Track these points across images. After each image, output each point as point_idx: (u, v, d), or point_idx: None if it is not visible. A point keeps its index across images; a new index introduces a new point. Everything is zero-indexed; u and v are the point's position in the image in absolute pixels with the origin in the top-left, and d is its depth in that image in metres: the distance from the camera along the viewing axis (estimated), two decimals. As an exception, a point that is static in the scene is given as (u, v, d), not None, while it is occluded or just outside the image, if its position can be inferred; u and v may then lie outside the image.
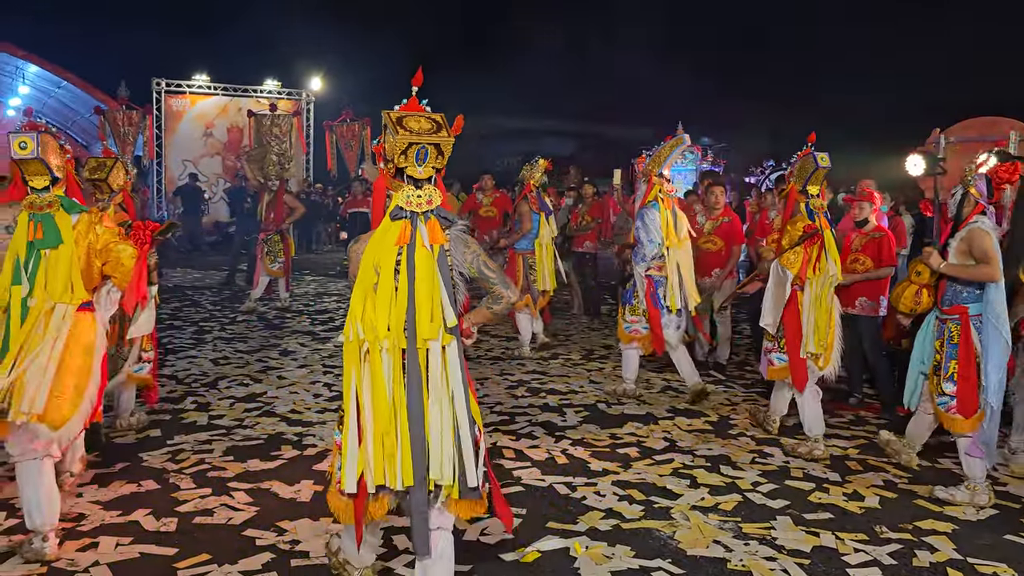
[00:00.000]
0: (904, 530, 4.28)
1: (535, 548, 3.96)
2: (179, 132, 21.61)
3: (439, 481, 3.03)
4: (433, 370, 3.04)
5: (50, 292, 3.73)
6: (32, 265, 3.74)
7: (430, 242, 3.07)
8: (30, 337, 3.67)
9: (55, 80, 21.96)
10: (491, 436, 5.66)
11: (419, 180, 3.11)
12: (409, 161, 3.08)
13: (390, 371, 3.03)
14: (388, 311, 3.02)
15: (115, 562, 3.72)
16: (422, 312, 3.02)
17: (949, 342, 4.64)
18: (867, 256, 6.31)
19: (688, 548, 4.00)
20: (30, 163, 3.77)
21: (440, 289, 3.05)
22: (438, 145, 3.10)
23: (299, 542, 3.96)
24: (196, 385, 6.85)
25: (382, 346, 3.02)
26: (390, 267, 3.05)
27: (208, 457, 5.11)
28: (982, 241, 4.45)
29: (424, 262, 3.05)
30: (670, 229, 6.37)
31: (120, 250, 3.86)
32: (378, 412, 3.02)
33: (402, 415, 3.01)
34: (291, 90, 22.24)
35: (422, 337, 3.02)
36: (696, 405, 6.55)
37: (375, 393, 3.02)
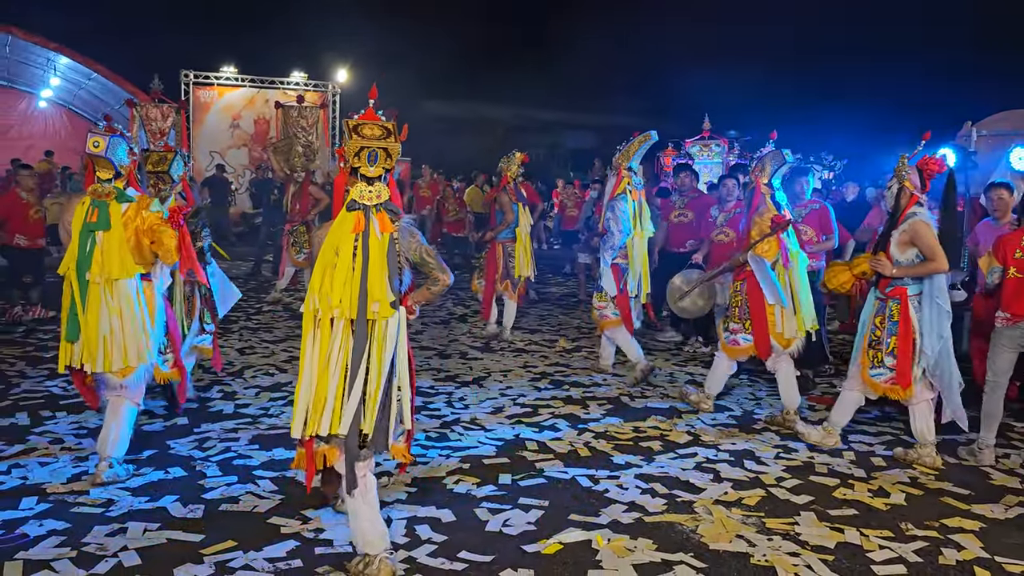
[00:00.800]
0: (930, 527, 4.24)
1: (557, 540, 3.96)
2: (206, 124, 21.79)
3: (366, 431, 3.53)
4: (375, 338, 3.51)
5: (106, 268, 4.45)
6: (89, 244, 4.47)
7: (381, 231, 3.54)
8: (94, 306, 4.44)
9: (85, 72, 22.18)
10: (513, 428, 5.67)
11: (371, 178, 3.58)
12: (362, 162, 3.56)
13: (340, 337, 3.50)
14: (343, 287, 3.47)
15: (143, 547, 3.77)
16: (373, 290, 3.48)
17: (890, 319, 5.06)
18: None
19: (711, 542, 3.99)
20: (100, 159, 4.56)
21: (388, 272, 3.53)
22: (386, 149, 3.57)
23: (323, 530, 4.00)
24: (223, 374, 6.92)
25: (333, 315, 3.48)
26: (348, 251, 3.51)
27: (234, 445, 5.17)
28: (926, 236, 4.87)
29: (376, 248, 3.52)
30: (636, 220, 6.80)
31: (162, 231, 4.52)
32: (321, 371, 3.50)
33: (343, 374, 3.50)
34: (317, 82, 22.34)
35: (372, 311, 3.48)
36: (639, 384, 6.91)
37: (321, 355, 3.51)
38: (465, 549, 3.84)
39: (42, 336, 8.31)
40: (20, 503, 4.20)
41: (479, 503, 4.38)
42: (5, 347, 7.77)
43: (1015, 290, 5.15)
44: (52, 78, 23.57)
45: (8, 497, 4.28)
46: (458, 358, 7.81)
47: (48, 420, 5.59)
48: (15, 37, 20.59)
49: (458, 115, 34.43)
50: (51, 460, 4.83)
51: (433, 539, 3.94)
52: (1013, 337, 5.18)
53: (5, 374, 6.76)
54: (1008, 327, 5.19)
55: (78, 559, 3.66)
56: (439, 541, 3.92)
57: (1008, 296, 5.20)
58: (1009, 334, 5.19)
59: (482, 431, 5.61)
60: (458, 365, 7.52)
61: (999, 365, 5.24)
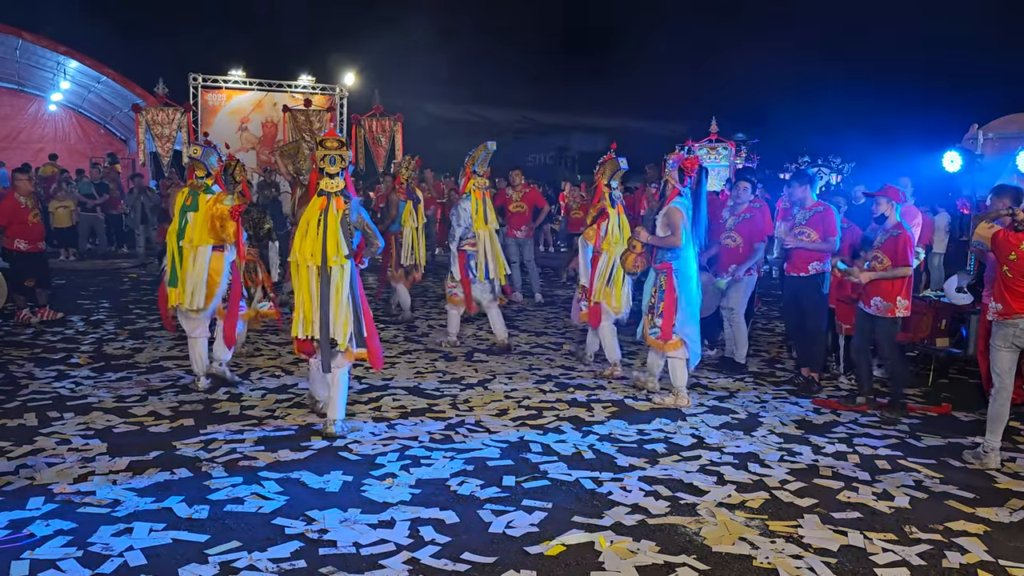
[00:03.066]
0: (934, 531, 4.24)
1: (560, 541, 3.97)
2: (215, 127, 21.84)
3: (336, 339, 5.35)
4: (335, 278, 5.35)
5: (196, 239, 6.25)
6: (183, 221, 6.31)
7: (337, 209, 5.37)
8: (188, 266, 6.27)
9: (95, 75, 22.29)
10: (518, 430, 5.68)
11: (332, 174, 5.39)
12: (325, 164, 5.40)
13: (314, 278, 5.37)
14: (312, 245, 5.33)
15: (148, 547, 3.80)
16: (330, 247, 5.33)
17: (660, 288, 6.43)
18: (885, 254, 6.19)
19: (714, 545, 3.99)
20: (197, 162, 6.44)
21: (341, 235, 5.34)
22: (341, 155, 5.41)
23: (327, 531, 4.01)
24: (229, 376, 6.94)
25: (308, 264, 5.35)
26: (315, 222, 5.36)
27: (240, 447, 5.20)
28: (674, 217, 6.28)
29: (332, 220, 5.34)
30: (479, 216, 8.00)
31: (225, 220, 6.21)
32: (306, 299, 5.44)
33: (318, 301, 5.37)
34: (325, 85, 22.38)
35: (330, 261, 5.33)
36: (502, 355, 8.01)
37: (303, 289, 5.44)
38: (468, 551, 3.85)
39: (50, 338, 8.37)
40: (27, 503, 4.23)
41: (483, 505, 4.39)
42: (13, 349, 7.83)
43: (1008, 289, 5.18)
44: (62, 82, 23.68)
45: (15, 497, 4.31)
46: (463, 360, 7.83)
47: (55, 421, 5.63)
48: (25, 41, 20.71)
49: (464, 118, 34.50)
50: (58, 460, 4.87)
51: (436, 540, 3.96)
52: (1007, 336, 5.21)
53: (13, 375, 6.80)
54: (1001, 323, 5.23)
55: (84, 559, 3.69)
56: (442, 542, 3.94)
57: (1000, 291, 5.24)
58: (1003, 332, 5.23)
59: (486, 433, 5.62)
60: (463, 367, 7.54)
61: (1001, 366, 5.26)
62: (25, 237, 9.12)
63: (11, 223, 9.04)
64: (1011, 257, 5.14)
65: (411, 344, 8.52)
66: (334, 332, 5.36)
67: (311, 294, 5.38)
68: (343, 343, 5.39)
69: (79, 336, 8.54)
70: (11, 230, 9.05)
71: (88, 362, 7.35)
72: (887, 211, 6.24)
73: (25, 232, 9.12)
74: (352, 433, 5.49)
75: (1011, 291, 5.15)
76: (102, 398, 6.21)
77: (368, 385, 6.80)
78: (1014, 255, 5.13)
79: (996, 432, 5.24)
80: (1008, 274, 5.16)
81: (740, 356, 7.62)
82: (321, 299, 5.35)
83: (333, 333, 5.36)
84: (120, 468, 4.76)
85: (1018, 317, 5.13)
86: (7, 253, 9.25)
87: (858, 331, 6.49)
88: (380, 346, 5.71)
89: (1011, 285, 5.16)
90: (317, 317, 5.36)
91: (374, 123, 19.23)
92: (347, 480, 4.67)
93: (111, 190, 17.55)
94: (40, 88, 24.64)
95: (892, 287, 6.18)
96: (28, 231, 9.15)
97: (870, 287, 6.21)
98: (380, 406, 6.20)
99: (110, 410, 5.91)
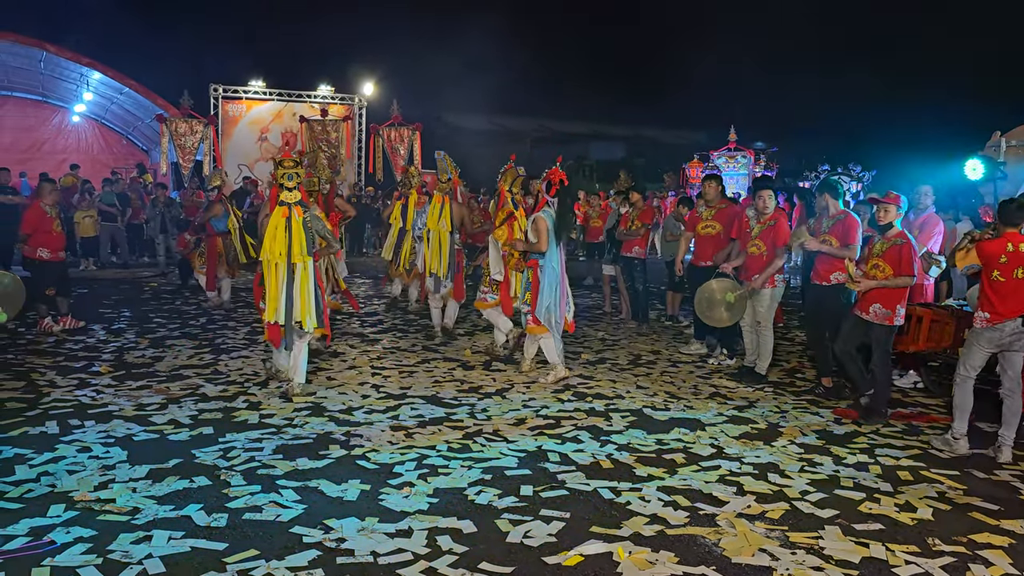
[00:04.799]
0: (958, 543, 4.18)
1: (578, 552, 3.95)
2: (235, 137, 22.05)
3: (299, 320, 6.58)
4: (299, 273, 6.54)
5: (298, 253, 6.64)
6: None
7: (298, 216, 6.52)
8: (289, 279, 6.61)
9: (117, 87, 22.58)
10: (536, 440, 5.67)
11: (290, 188, 6.55)
12: (284, 180, 6.55)
13: (282, 272, 6.53)
14: (280, 246, 6.47)
15: (167, 555, 3.81)
16: (294, 248, 6.50)
17: (528, 283, 7.46)
18: (887, 263, 6.14)
19: (733, 556, 3.96)
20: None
21: (304, 237, 6.51)
22: (297, 172, 6.58)
23: (345, 540, 4.01)
24: (248, 384, 6.99)
25: (277, 261, 6.51)
26: (282, 227, 6.50)
27: (258, 455, 5.21)
28: (540, 225, 7.19)
29: (295, 225, 6.50)
30: (433, 216, 9.04)
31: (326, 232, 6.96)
32: (275, 291, 6.58)
33: (284, 292, 6.55)
34: (344, 95, 22.51)
35: (294, 258, 6.51)
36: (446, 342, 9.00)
37: (272, 282, 6.58)
38: (486, 560, 3.84)
39: (72, 347, 8.45)
40: (48, 510, 4.26)
41: (500, 514, 4.38)
42: (36, 357, 7.90)
43: (997, 293, 5.43)
44: (85, 93, 23.99)
45: (36, 504, 4.34)
46: (481, 369, 7.82)
47: (77, 429, 5.67)
48: (49, 53, 21.01)
49: (483, 127, 34.57)
50: (79, 468, 4.90)
51: (454, 550, 3.95)
52: (992, 339, 5.50)
53: (36, 383, 6.87)
54: (987, 328, 5.49)
55: (104, 566, 3.70)
56: (460, 552, 3.93)
57: (988, 299, 5.48)
58: (988, 335, 5.50)
59: (504, 443, 5.61)
60: (481, 376, 7.54)
61: (974, 362, 5.61)
62: (48, 246, 9.22)
63: (35, 232, 9.16)
64: (1002, 260, 5.42)
65: (429, 353, 8.52)
66: (300, 316, 6.56)
67: (279, 287, 6.54)
68: (307, 325, 6.58)
69: (100, 345, 8.61)
70: (34, 239, 9.16)
71: (109, 371, 7.40)
72: (893, 219, 6.21)
73: (49, 241, 9.23)
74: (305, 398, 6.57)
75: (1000, 295, 5.41)
76: (122, 406, 6.25)
77: (386, 394, 6.81)
78: (1004, 258, 5.42)
79: (963, 419, 5.64)
80: (1000, 278, 5.42)
81: (762, 368, 7.57)
82: (287, 290, 6.53)
83: (299, 317, 6.56)
84: (140, 476, 4.78)
85: (1006, 321, 5.40)
86: (28, 262, 9.36)
87: (844, 335, 6.46)
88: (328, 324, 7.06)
89: (1000, 289, 5.42)
90: (283, 305, 6.54)
91: (392, 132, 19.30)
92: (365, 489, 4.67)
93: (132, 200, 17.73)
94: (64, 99, 24.99)
95: (893, 295, 6.16)
96: (51, 240, 9.26)
97: (869, 294, 6.18)
98: (398, 415, 6.21)
99: (130, 418, 5.95)
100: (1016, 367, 5.54)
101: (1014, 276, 5.38)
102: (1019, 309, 5.38)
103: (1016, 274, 5.38)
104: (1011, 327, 5.41)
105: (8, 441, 5.35)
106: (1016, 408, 5.51)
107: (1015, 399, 5.52)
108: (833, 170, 25.83)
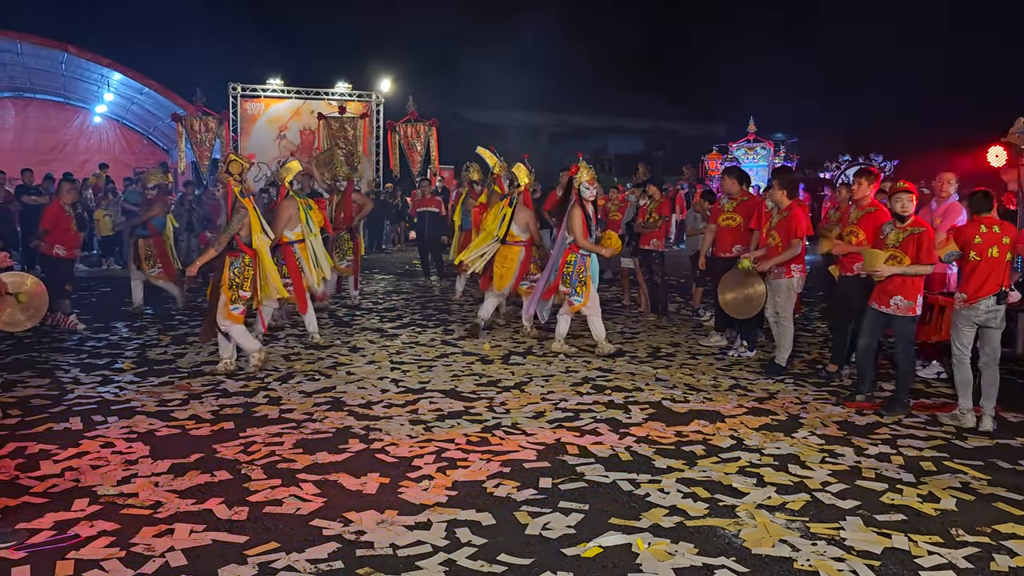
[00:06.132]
0: (982, 533, 4.13)
1: (597, 543, 3.95)
2: (253, 135, 22.13)
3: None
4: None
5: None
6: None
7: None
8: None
9: (137, 87, 22.74)
10: (555, 432, 5.66)
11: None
12: (238, 175, 7.14)
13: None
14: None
15: (189, 548, 3.85)
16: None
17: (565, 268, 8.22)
18: (905, 252, 6.06)
19: (753, 547, 3.93)
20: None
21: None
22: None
23: (364, 532, 4.03)
24: (268, 379, 7.03)
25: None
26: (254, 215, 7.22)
27: (279, 449, 5.25)
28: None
29: (253, 214, 7.14)
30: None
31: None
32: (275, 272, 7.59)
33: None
34: (361, 92, 22.55)
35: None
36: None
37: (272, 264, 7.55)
38: (505, 552, 3.84)
39: (95, 344, 8.54)
40: (72, 504, 4.31)
41: (519, 506, 4.38)
42: (60, 354, 8.00)
43: (973, 273, 5.84)
44: (106, 94, 24.19)
45: (61, 499, 4.40)
46: (500, 363, 7.83)
47: (100, 424, 5.73)
48: (70, 54, 21.20)
49: (500, 122, 34.53)
50: (102, 463, 4.95)
51: (473, 542, 3.95)
52: (969, 317, 5.90)
53: (60, 380, 6.95)
54: (965, 308, 5.90)
55: (127, 559, 3.74)
56: (479, 544, 3.93)
57: (966, 279, 5.90)
58: (966, 314, 5.91)
59: (523, 435, 5.61)
60: (500, 370, 7.54)
61: (963, 340, 5.98)
62: (65, 244, 9.34)
63: (54, 228, 9.28)
64: (976, 241, 5.83)
65: (448, 347, 8.54)
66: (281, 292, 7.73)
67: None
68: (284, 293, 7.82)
69: (123, 342, 8.69)
70: (52, 236, 9.27)
71: (131, 367, 7.48)
72: (911, 208, 6.15)
73: (66, 239, 9.35)
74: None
75: (977, 275, 5.80)
76: (145, 402, 6.31)
77: (405, 388, 6.83)
78: (979, 238, 5.83)
79: (967, 395, 6.01)
80: (976, 257, 5.82)
81: (782, 359, 7.52)
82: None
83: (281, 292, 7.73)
84: (162, 470, 4.83)
85: (980, 300, 5.82)
86: (44, 259, 9.50)
87: (866, 332, 6.41)
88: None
89: (976, 268, 5.81)
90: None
91: (408, 129, 19.32)
92: (384, 482, 4.69)
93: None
94: (85, 100, 25.20)
95: (914, 285, 6.12)
96: (68, 238, 9.38)
97: (889, 286, 6.12)
98: (417, 408, 6.22)
99: (152, 414, 6.00)
100: (993, 342, 5.94)
101: (988, 255, 5.80)
102: (992, 288, 5.79)
103: (990, 252, 5.80)
104: (985, 305, 5.82)
105: (33, 437, 5.42)
106: (993, 379, 5.93)
107: (992, 371, 5.93)
108: (854, 160, 25.60)
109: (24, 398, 6.37)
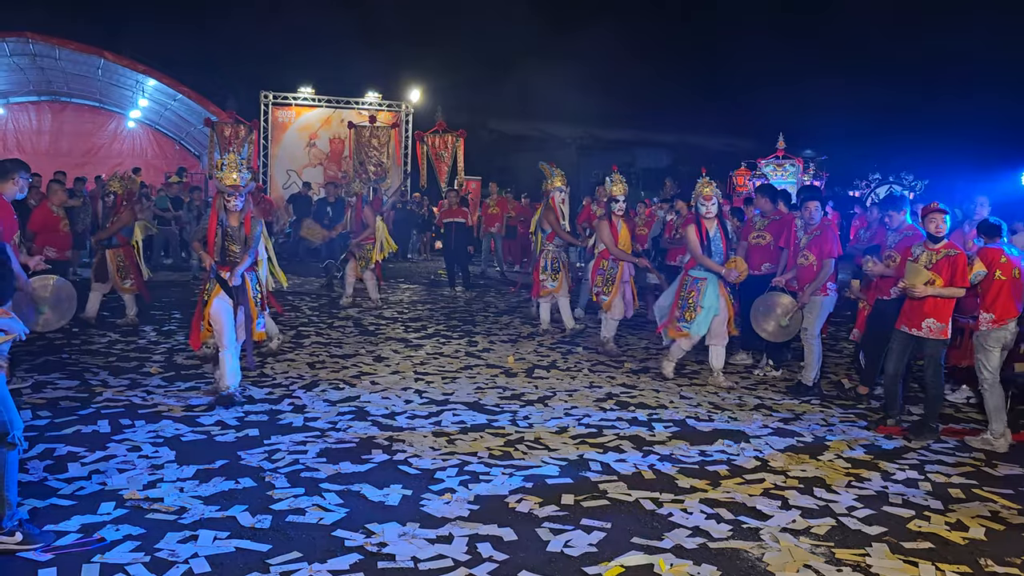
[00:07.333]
0: (1012, 564, 4.06)
1: (618, 563, 3.93)
2: (284, 143, 22.38)
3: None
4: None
5: None
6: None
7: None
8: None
9: (171, 93, 23.06)
10: (578, 448, 5.64)
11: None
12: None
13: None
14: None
15: (212, 555, 3.88)
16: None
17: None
18: (939, 274, 5.95)
19: (777, 571, 3.89)
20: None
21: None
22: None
23: (386, 544, 4.04)
24: (294, 387, 7.08)
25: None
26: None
27: (302, 458, 5.28)
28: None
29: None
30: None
31: None
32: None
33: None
34: (391, 102, 22.73)
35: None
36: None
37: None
38: (525, 569, 3.83)
39: (124, 347, 8.64)
40: (98, 508, 4.36)
41: (541, 523, 4.37)
42: (89, 357, 8.10)
43: (1000, 293, 5.87)
44: (140, 99, 24.55)
45: (88, 501, 4.45)
46: (524, 376, 7.82)
47: (127, 428, 5.79)
48: (106, 60, 21.55)
49: (527, 133, 34.61)
50: (129, 467, 5.01)
51: (494, 557, 3.95)
52: (999, 339, 5.91)
53: (89, 383, 7.04)
54: (995, 329, 5.89)
55: (151, 564, 3.78)
56: (500, 560, 3.93)
57: (992, 299, 5.90)
58: (996, 336, 5.90)
59: (546, 451, 5.59)
60: (524, 383, 7.53)
61: (994, 364, 5.95)
62: (55, 245, 9.26)
63: (41, 231, 9.27)
64: (1002, 260, 5.90)
65: (472, 359, 8.55)
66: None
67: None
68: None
69: (151, 346, 8.79)
70: (41, 238, 9.22)
71: (159, 372, 7.56)
72: (944, 229, 6.07)
73: (56, 240, 9.27)
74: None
75: (1004, 296, 5.84)
76: (171, 407, 6.37)
77: (429, 399, 6.84)
78: (1004, 258, 5.91)
79: (1000, 420, 5.97)
80: (1001, 277, 5.87)
81: (808, 378, 7.45)
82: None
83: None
84: (187, 476, 4.87)
85: (1010, 321, 5.86)
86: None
87: (896, 356, 6.34)
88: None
89: (1003, 288, 5.85)
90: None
91: (436, 139, 19.42)
92: (406, 494, 4.70)
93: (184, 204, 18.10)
94: (120, 105, 25.60)
95: (946, 308, 6.03)
96: (58, 240, 9.35)
97: (923, 308, 6.04)
98: (440, 421, 6.23)
99: (179, 419, 6.06)
100: (997, 363, 5.98)
101: (1014, 275, 5.88)
102: (1019, 309, 5.88)
103: (1015, 273, 5.89)
104: (1012, 326, 5.87)
105: (61, 439, 5.49)
106: (999, 402, 5.97)
107: (995, 392, 5.97)
108: (884, 179, 25.36)
109: (54, 400, 6.46)
